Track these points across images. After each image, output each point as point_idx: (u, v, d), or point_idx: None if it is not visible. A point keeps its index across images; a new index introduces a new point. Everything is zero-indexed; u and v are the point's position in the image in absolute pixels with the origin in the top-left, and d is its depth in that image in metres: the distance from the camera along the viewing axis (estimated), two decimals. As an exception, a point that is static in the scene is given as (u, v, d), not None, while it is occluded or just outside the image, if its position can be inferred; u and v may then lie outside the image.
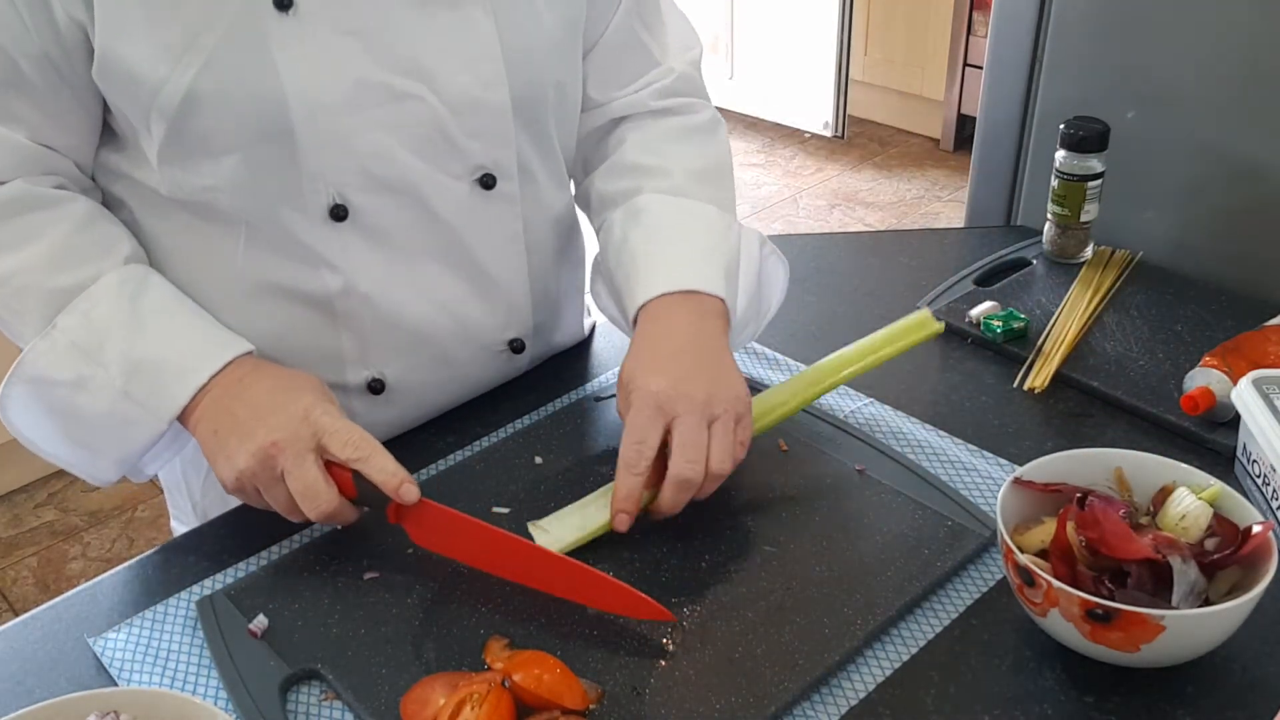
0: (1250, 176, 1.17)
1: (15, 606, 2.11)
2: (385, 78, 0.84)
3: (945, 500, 0.87)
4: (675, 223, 0.96)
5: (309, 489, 0.79)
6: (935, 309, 1.14)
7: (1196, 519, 0.75)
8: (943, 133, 3.80)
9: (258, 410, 0.82)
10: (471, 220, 0.92)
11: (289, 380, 0.85)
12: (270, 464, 0.79)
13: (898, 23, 3.70)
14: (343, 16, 0.82)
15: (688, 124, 1.04)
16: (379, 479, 0.80)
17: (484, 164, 0.91)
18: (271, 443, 0.79)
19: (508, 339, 1.01)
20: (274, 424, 0.80)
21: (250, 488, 0.81)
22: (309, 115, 0.82)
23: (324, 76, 0.82)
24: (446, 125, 0.87)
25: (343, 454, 0.80)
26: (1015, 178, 1.38)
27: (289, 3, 0.80)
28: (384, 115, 0.85)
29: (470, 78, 0.87)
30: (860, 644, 0.75)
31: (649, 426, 0.83)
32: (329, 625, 0.78)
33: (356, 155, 0.85)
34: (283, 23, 0.80)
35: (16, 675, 0.78)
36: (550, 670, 0.71)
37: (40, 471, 2.40)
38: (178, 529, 1.10)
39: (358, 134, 0.84)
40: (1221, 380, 0.95)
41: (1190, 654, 0.73)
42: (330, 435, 0.80)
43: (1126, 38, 1.21)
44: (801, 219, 3.47)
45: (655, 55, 1.03)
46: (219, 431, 0.82)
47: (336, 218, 0.87)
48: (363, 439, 0.81)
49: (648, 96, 1.02)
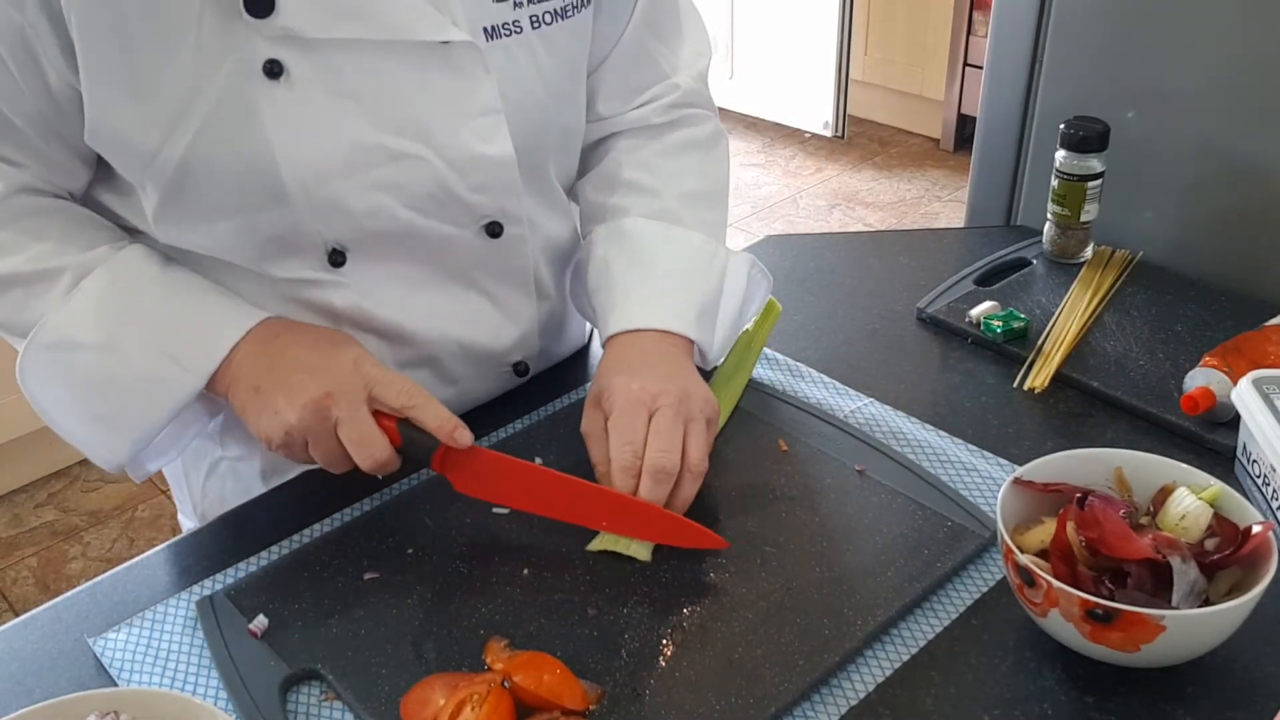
0: (1250, 177, 1.17)
1: (15, 606, 2.11)
2: (382, 139, 0.82)
3: (945, 500, 0.87)
4: (658, 254, 0.96)
5: (364, 437, 0.80)
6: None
7: (1196, 519, 0.75)
8: (943, 133, 3.80)
9: (302, 365, 0.82)
10: (479, 260, 0.92)
11: (328, 335, 0.86)
12: (324, 415, 0.80)
13: (898, 23, 3.70)
14: (336, 80, 0.80)
15: (687, 138, 1.03)
16: (433, 425, 0.81)
17: (490, 214, 0.90)
18: (325, 393, 0.80)
19: (513, 361, 1.01)
20: (324, 377, 0.81)
21: (299, 441, 0.81)
22: (303, 182, 0.81)
23: (318, 142, 0.80)
24: (449, 182, 0.86)
25: (396, 402, 0.81)
26: (1015, 178, 1.38)
27: (279, 70, 0.78)
28: (382, 176, 0.83)
29: (470, 134, 0.85)
30: (860, 644, 0.75)
31: (635, 424, 0.84)
32: (329, 625, 0.78)
33: (354, 216, 0.84)
34: (273, 90, 0.78)
35: (16, 675, 0.78)
36: (550, 671, 0.71)
37: (40, 471, 2.40)
38: (185, 524, 1.10)
39: (355, 196, 0.83)
40: (1221, 380, 0.95)
41: (1190, 654, 0.73)
42: (382, 385, 0.81)
43: (1126, 38, 1.21)
44: (801, 219, 3.47)
45: (664, 68, 1.01)
46: (261, 389, 0.82)
47: (335, 263, 0.86)
48: (414, 387, 0.82)
49: (651, 112, 1.01)
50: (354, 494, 0.91)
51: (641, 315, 0.93)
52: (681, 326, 0.92)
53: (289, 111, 0.79)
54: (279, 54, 0.77)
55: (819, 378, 1.05)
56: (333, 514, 0.89)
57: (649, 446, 0.83)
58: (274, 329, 0.86)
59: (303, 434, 0.81)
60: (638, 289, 0.94)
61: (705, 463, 0.84)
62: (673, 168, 1.01)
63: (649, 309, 0.93)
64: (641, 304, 0.93)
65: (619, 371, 0.88)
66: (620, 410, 0.85)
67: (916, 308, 1.16)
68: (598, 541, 0.83)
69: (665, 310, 0.93)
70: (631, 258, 0.96)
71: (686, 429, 0.84)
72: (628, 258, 0.96)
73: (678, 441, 0.83)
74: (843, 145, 3.87)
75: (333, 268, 0.87)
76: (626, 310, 0.93)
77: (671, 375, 0.88)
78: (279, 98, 0.78)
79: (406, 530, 0.86)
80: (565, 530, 0.85)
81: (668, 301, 0.94)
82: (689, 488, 0.84)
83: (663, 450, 0.82)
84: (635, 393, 0.85)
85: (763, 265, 1.03)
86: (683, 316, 0.93)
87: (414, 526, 0.87)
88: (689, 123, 1.03)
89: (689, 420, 0.85)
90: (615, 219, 0.98)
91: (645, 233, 0.97)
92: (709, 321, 0.95)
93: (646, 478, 0.82)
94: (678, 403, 0.85)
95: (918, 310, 1.16)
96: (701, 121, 1.04)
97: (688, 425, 0.84)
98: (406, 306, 0.92)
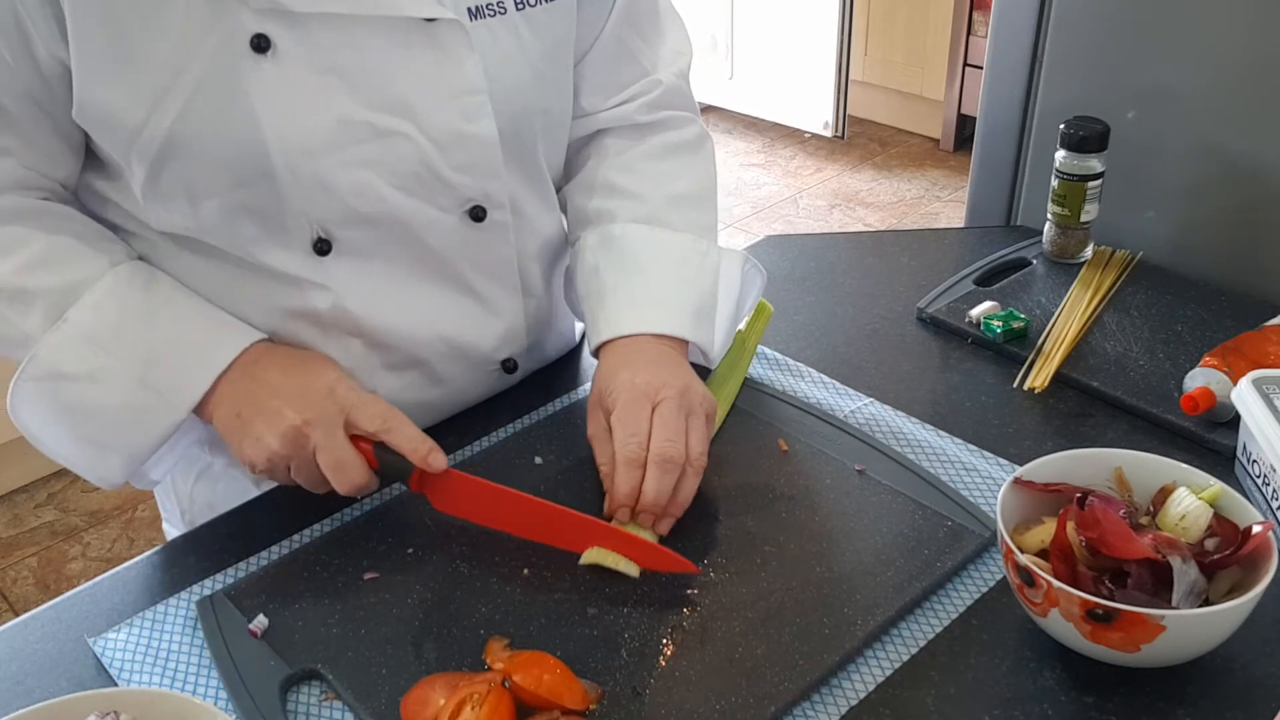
0: (1250, 177, 1.17)
1: (15, 606, 2.11)
2: (367, 116, 0.82)
3: (945, 500, 0.87)
4: (648, 258, 0.96)
5: (340, 463, 0.81)
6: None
7: (1196, 519, 0.75)
8: (943, 133, 3.80)
9: (280, 391, 0.83)
10: (463, 249, 0.92)
11: (306, 360, 0.87)
12: (302, 443, 0.81)
13: (898, 23, 3.70)
14: (323, 56, 0.80)
15: (671, 141, 1.03)
16: (406, 448, 0.82)
17: (473, 197, 0.90)
18: (303, 422, 0.81)
19: (500, 359, 1.00)
20: (300, 404, 0.82)
21: (281, 467, 0.82)
22: (290, 158, 0.81)
23: (304, 118, 0.81)
24: (433, 161, 0.86)
25: (370, 426, 0.82)
26: (1015, 178, 1.38)
27: (266, 45, 0.78)
28: (367, 153, 0.83)
29: (455, 112, 0.85)
30: (860, 644, 0.75)
31: (640, 416, 0.84)
32: (329, 625, 0.78)
33: (340, 194, 0.84)
34: (260, 65, 0.78)
35: (16, 675, 0.78)
36: (550, 670, 0.71)
37: (40, 471, 2.40)
38: (170, 532, 1.10)
39: (340, 173, 0.83)
40: (1221, 380, 0.95)
41: (1190, 654, 0.73)
42: (357, 410, 0.82)
43: (1126, 38, 1.21)
44: (801, 219, 3.47)
45: (645, 65, 1.02)
46: (242, 415, 0.83)
47: (320, 251, 0.86)
48: (389, 411, 0.83)
49: (633, 110, 1.01)
50: (354, 494, 0.91)
51: (635, 321, 0.93)
52: (676, 329, 0.93)
53: (276, 86, 0.79)
54: (266, 28, 0.78)
55: (819, 378, 1.05)
56: (333, 514, 0.89)
57: (654, 437, 0.83)
58: (254, 353, 0.86)
59: (284, 460, 0.82)
60: (629, 295, 0.95)
61: (705, 457, 0.85)
62: (658, 170, 1.01)
63: (642, 314, 0.93)
64: (634, 309, 0.94)
65: (619, 370, 0.89)
66: (624, 405, 0.85)
67: (916, 308, 1.16)
68: (589, 555, 0.82)
69: (659, 315, 0.93)
70: (621, 264, 0.96)
71: (687, 423, 0.85)
72: (617, 264, 0.96)
73: (682, 432, 0.84)
74: (843, 145, 3.87)
75: (318, 256, 0.86)
76: (620, 317, 0.93)
77: (670, 370, 0.89)
78: (266, 72, 0.79)
79: (406, 530, 0.86)
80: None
81: (661, 306, 0.94)
82: (690, 482, 0.84)
83: (668, 440, 0.83)
84: (639, 387, 0.86)
85: (756, 261, 1.03)
86: (676, 319, 0.93)
87: (414, 526, 0.87)
88: (672, 125, 1.04)
89: (690, 414, 0.86)
90: (603, 224, 0.98)
91: (634, 238, 0.97)
92: (707, 321, 0.95)
93: (653, 467, 0.82)
94: (679, 395, 0.86)
95: (918, 310, 1.16)
96: (685, 124, 1.05)
97: (688, 419, 0.85)
98: (391, 306, 0.91)
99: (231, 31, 0.77)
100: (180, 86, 0.78)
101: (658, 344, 0.92)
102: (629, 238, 0.97)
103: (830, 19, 3.50)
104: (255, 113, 0.79)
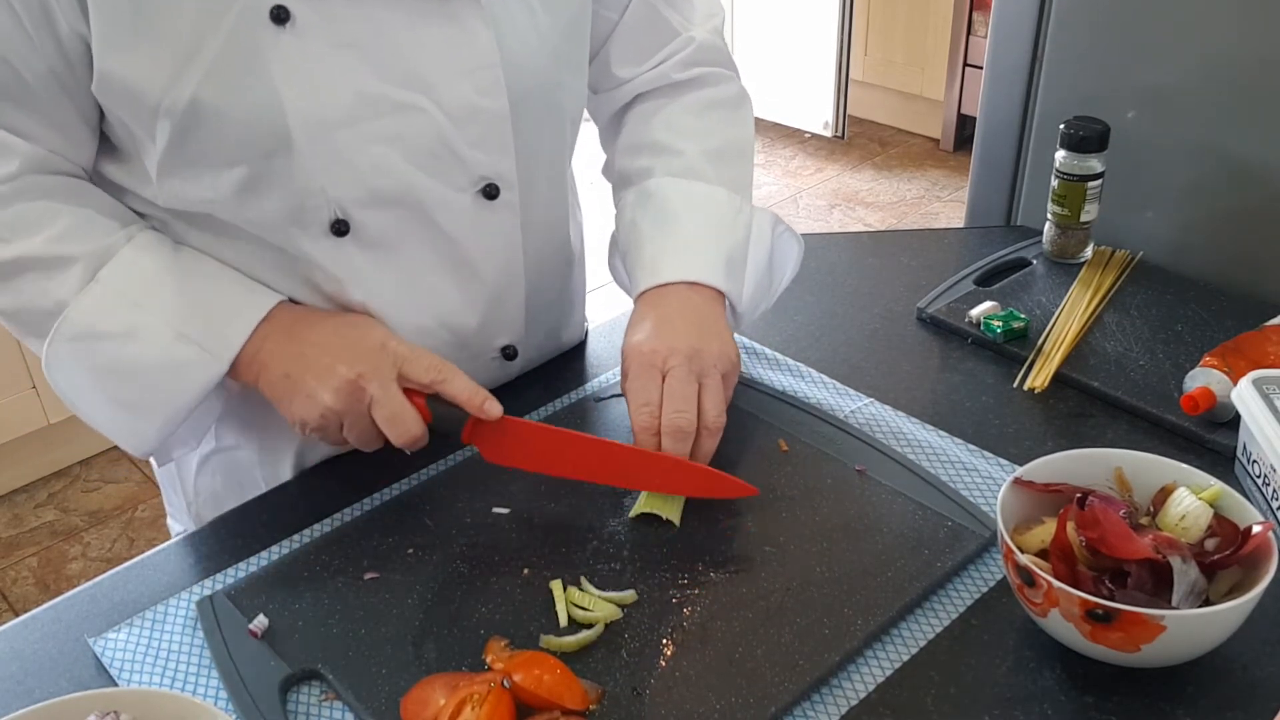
0: (1250, 177, 1.17)
1: (15, 606, 2.12)
2: (384, 89, 0.83)
3: (945, 500, 0.87)
4: (682, 209, 0.98)
5: (396, 416, 0.82)
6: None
7: (1196, 519, 0.75)
8: (943, 133, 3.80)
9: (329, 348, 0.84)
10: (473, 231, 0.92)
11: (354, 319, 0.88)
12: (358, 396, 0.82)
13: (898, 23, 3.70)
14: (340, 29, 0.81)
15: (711, 97, 1.04)
16: (462, 398, 0.84)
17: (486, 174, 0.90)
18: (358, 375, 0.82)
19: (500, 345, 1.01)
20: (353, 358, 0.83)
21: (334, 424, 0.83)
22: (308, 130, 0.81)
23: (323, 90, 0.81)
24: (448, 135, 0.86)
25: (425, 378, 0.83)
26: (1015, 178, 1.38)
27: (285, 16, 0.79)
28: (384, 127, 0.84)
29: (469, 86, 0.86)
30: (860, 644, 0.75)
31: (648, 385, 0.86)
32: (329, 625, 0.78)
33: (357, 169, 0.84)
34: (279, 36, 0.79)
35: (16, 675, 0.78)
36: (550, 670, 0.71)
37: (40, 471, 2.40)
38: (174, 527, 1.10)
39: (358, 147, 0.84)
40: (1221, 380, 0.95)
41: (1190, 654, 0.73)
42: (410, 362, 0.84)
43: (1126, 38, 1.21)
44: (801, 219, 3.47)
45: (676, 26, 1.02)
46: (291, 375, 0.84)
47: (338, 233, 0.86)
48: (441, 363, 0.84)
49: (670, 69, 1.02)
50: (354, 494, 0.91)
51: (669, 269, 0.94)
52: (708, 277, 0.94)
53: (295, 58, 0.80)
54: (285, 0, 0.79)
55: (819, 378, 1.05)
56: (333, 514, 0.90)
57: (665, 408, 0.85)
58: (295, 314, 0.87)
59: (338, 416, 0.83)
60: (664, 244, 0.96)
61: (723, 418, 0.86)
62: (696, 125, 1.02)
63: (676, 262, 0.95)
64: (668, 258, 0.95)
65: (635, 332, 0.91)
66: (634, 375, 0.87)
67: (916, 308, 1.16)
68: (639, 505, 0.85)
69: (692, 262, 0.95)
70: (657, 216, 0.97)
71: (701, 385, 0.86)
72: (654, 216, 0.98)
73: (692, 400, 0.85)
74: (843, 145, 3.87)
75: (336, 237, 0.87)
76: (655, 266, 0.95)
77: (688, 327, 0.89)
78: (285, 44, 0.79)
79: (406, 530, 0.86)
80: (565, 530, 0.85)
81: (694, 254, 0.95)
82: (707, 443, 0.86)
83: (678, 410, 0.85)
84: (646, 355, 0.88)
85: (790, 226, 1.03)
86: (709, 267, 0.95)
87: (414, 526, 0.87)
88: (710, 81, 1.04)
89: (702, 376, 0.87)
90: (641, 181, 1.00)
91: (670, 190, 0.98)
92: (737, 273, 0.97)
93: (666, 438, 0.84)
94: (687, 361, 0.87)
95: (918, 310, 1.16)
96: (724, 81, 1.05)
97: (702, 381, 0.86)
98: (395, 298, 0.91)
99: (251, 3, 0.78)
100: (201, 56, 0.78)
101: (689, 294, 0.93)
102: (665, 191, 0.99)
103: (830, 19, 3.50)
104: (274, 84, 0.80)
